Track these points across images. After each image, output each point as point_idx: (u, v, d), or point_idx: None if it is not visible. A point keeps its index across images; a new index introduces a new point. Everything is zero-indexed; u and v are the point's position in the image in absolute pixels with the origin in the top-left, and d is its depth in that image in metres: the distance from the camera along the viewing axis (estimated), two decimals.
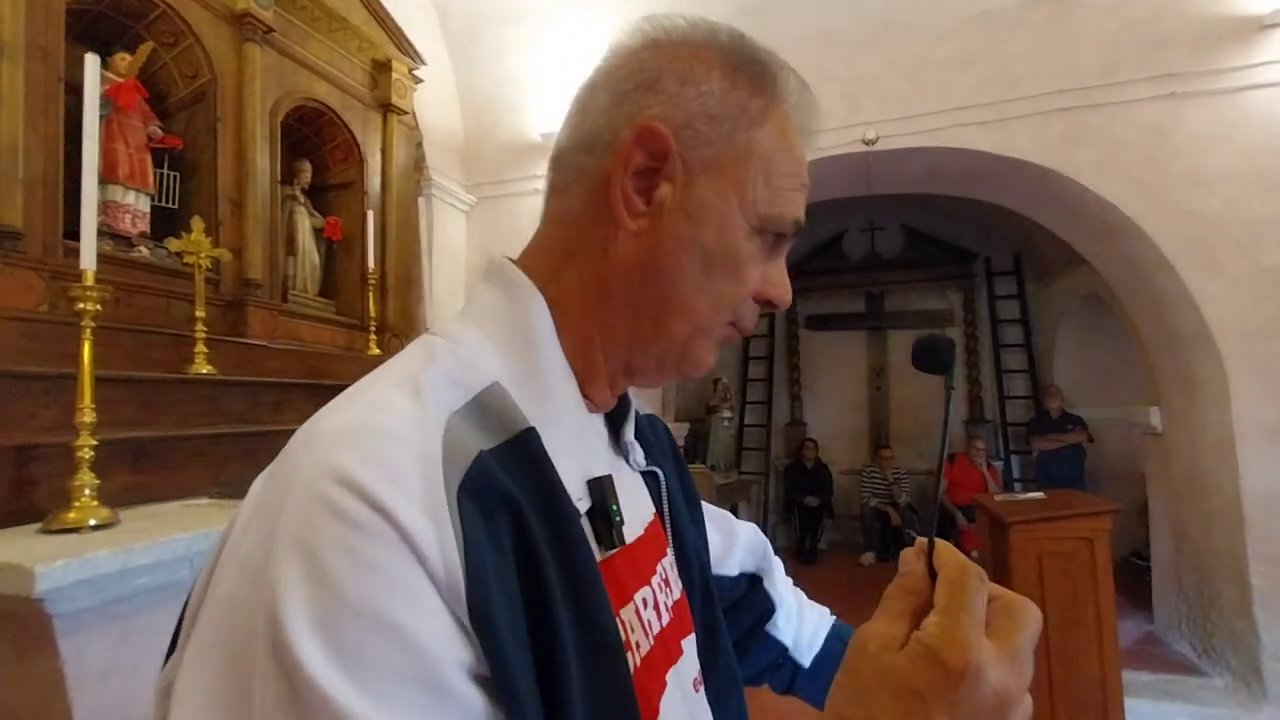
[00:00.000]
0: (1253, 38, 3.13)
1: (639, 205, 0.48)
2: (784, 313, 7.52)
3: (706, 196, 0.48)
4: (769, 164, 0.49)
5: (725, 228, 0.48)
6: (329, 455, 0.35)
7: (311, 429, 0.38)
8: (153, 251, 2.35)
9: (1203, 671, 3.53)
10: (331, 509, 0.32)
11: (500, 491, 0.38)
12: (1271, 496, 3.13)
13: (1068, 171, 3.44)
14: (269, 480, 0.38)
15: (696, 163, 0.47)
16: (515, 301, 0.48)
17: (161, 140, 2.46)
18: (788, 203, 0.50)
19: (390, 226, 3.29)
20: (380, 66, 3.23)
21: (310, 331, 2.89)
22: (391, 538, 0.33)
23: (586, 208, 0.49)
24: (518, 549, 0.38)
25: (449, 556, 0.34)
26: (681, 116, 0.47)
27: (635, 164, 0.47)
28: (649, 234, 0.48)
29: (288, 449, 0.38)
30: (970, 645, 0.33)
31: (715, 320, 0.50)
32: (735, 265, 0.49)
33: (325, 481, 0.33)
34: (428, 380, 0.40)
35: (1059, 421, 5.57)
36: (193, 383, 2.11)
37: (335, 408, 0.40)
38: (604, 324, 0.50)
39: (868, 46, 3.73)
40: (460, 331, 0.46)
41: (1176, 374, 3.65)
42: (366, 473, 0.33)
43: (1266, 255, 3.17)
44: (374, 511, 0.33)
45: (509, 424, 0.42)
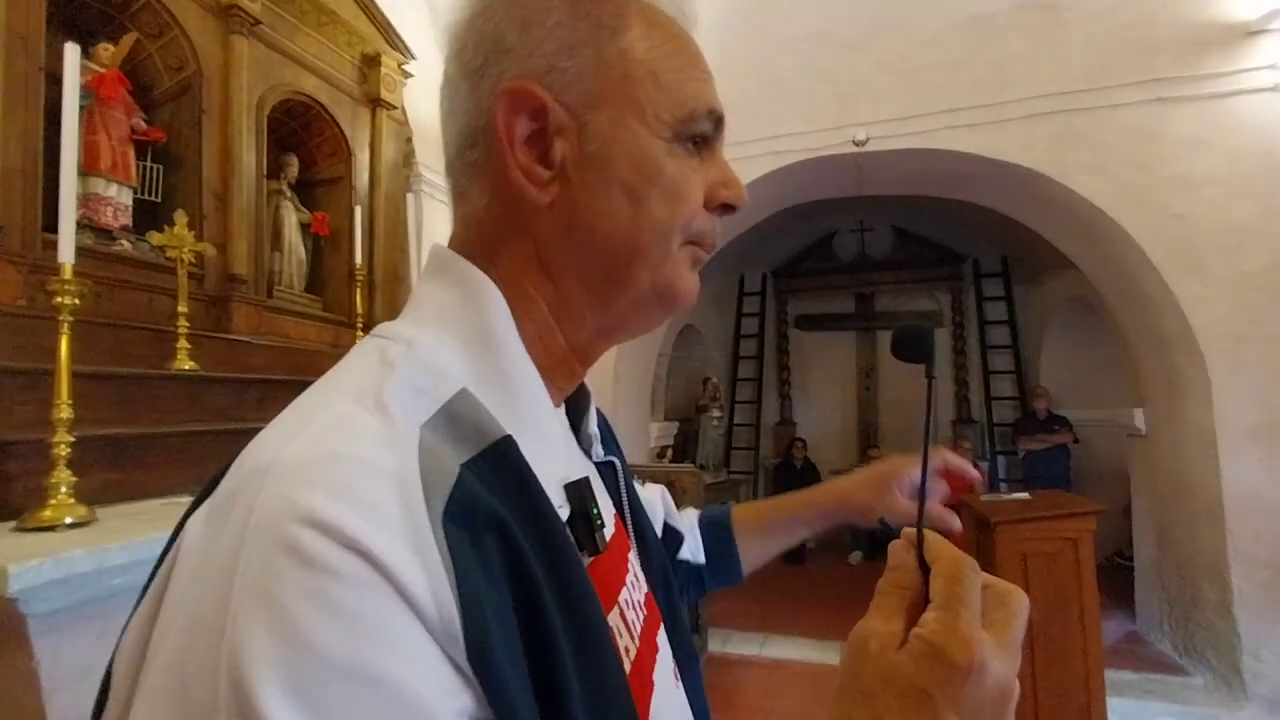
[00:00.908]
0: (1239, 44, 3.16)
1: (541, 173, 0.44)
2: (774, 313, 7.54)
3: (604, 132, 0.44)
4: (652, 66, 0.44)
5: (637, 154, 0.44)
6: (289, 492, 0.30)
7: (259, 458, 0.33)
8: (135, 245, 2.31)
9: (1184, 670, 3.58)
10: (298, 554, 0.28)
11: (487, 511, 0.34)
12: (1252, 498, 3.17)
13: (1056, 175, 3.47)
14: (213, 524, 0.32)
15: (578, 103, 0.43)
16: (470, 298, 0.44)
17: (145, 133, 2.42)
18: (692, 95, 0.45)
19: (378, 222, 3.26)
20: (369, 61, 3.20)
21: (296, 328, 2.86)
22: (371, 579, 0.29)
23: (493, 201, 0.46)
24: (510, 574, 0.34)
25: (440, 593, 0.30)
26: (541, 64, 0.43)
27: (519, 134, 0.43)
28: (563, 198, 0.44)
29: (233, 485, 0.33)
30: (974, 641, 0.33)
31: (669, 248, 0.46)
32: (666, 186, 0.44)
33: (288, 523, 0.29)
34: (391, 391, 0.36)
35: (1045, 422, 5.62)
36: (174, 379, 2.08)
37: (285, 431, 0.35)
38: (558, 306, 0.46)
39: (860, 48, 3.74)
40: (413, 333, 0.42)
41: (1160, 376, 3.69)
42: (335, 508, 0.29)
43: (1249, 259, 3.21)
44: (348, 551, 0.28)
45: (484, 433, 0.38)
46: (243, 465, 0.34)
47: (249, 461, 0.33)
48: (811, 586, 5.31)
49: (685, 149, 0.45)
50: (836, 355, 7.49)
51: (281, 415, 0.37)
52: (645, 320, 0.49)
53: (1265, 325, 3.18)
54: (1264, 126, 3.17)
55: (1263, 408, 3.18)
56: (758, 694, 3.48)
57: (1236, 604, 3.18)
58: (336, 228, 3.16)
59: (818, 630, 4.17)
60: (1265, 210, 3.18)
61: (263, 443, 0.35)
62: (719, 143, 0.48)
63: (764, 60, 3.83)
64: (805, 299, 7.45)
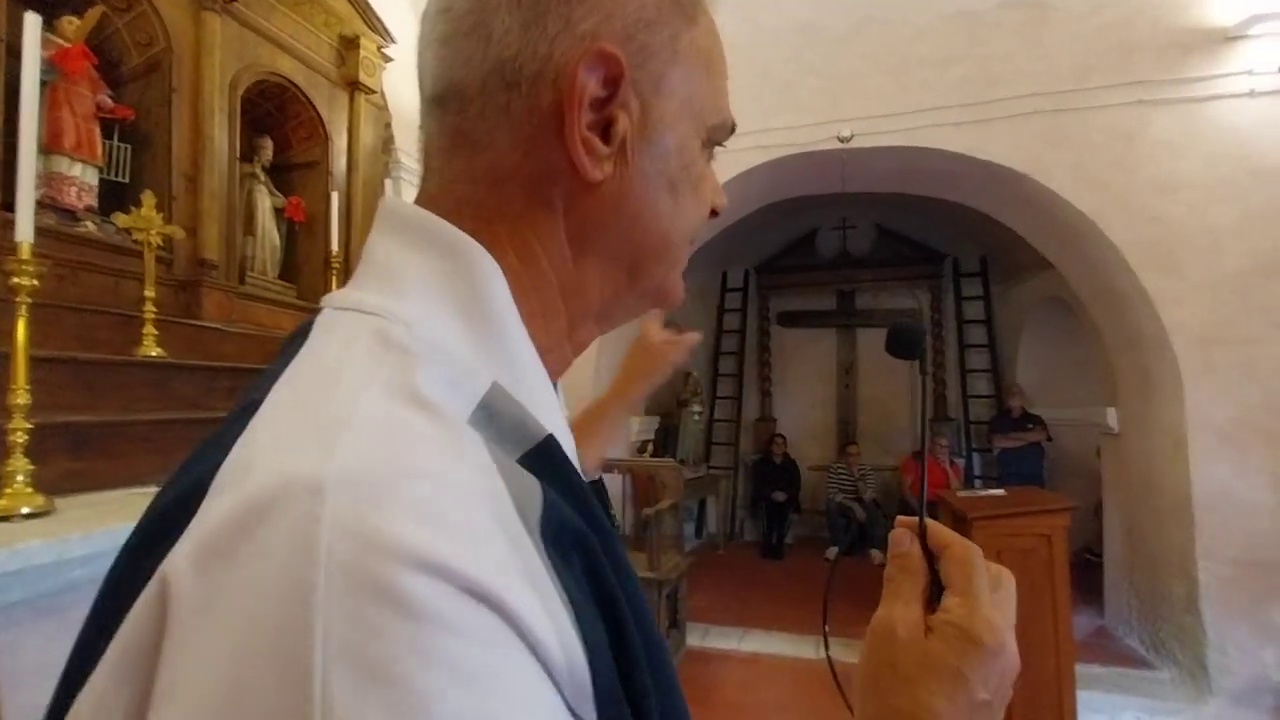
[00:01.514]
0: (1219, 49, 3.21)
1: (600, 147, 0.38)
2: (756, 309, 7.56)
3: (666, 120, 0.41)
4: (709, 66, 0.43)
5: (685, 151, 0.42)
6: (360, 521, 0.23)
7: (291, 473, 0.24)
8: (100, 227, 2.23)
9: (1151, 665, 3.65)
10: (409, 607, 0.22)
11: (574, 528, 0.30)
12: (1220, 497, 3.24)
13: (1039, 174, 3.50)
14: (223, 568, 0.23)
15: (647, 81, 0.40)
16: (461, 270, 0.37)
17: (112, 110, 2.34)
18: (726, 105, 0.45)
19: (356, 208, 3.19)
20: (348, 43, 3.12)
21: (269, 315, 2.79)
22: (497, 629, 0.23)
23: (527, 161, 0.39)
24: (597, 597, 0.30)
25: (565, 639, 0.25)
26: (621, 28, 0.38)
27: (589, 98, 0.38)
28: (615, 179, 0.40)
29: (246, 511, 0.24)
30: (997, 624, 0.37)
31: (686, 250, 0.45)
32: (700, 189, 0.44)
33: (383, 564, 0.22)
34: (423, 383, 0.29)
35: (1020, 420, 5.71)
36: (140, 365, 2.01)
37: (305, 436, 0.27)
38: (573, 288, 0.42)
39: (849, 41, 3.74)
40: (403, 309, 0.34)
41: (1134, 376, 3.75)
42: (437, 540, 0.23)
43: (1225, 262, 3.26)
44: (469, 598, 0.23)
45: (526, 432, 0.33)
46: (252, 480, 0.25)
47: (260, 477, 0.25)
48: (790, 581, 5.34)
49: (709, 153, 0.45)
50: (817, 352, 7.53)
51: (269, 409, 0.29)
52: (636, 314, 0.48)
53: (1238, 327, 3.24)
54: (1241, 131, 3.22)
55: (1233, 408, 3.25)
56: (735, 688, 3.49)
57: (1203, 600, 3.25)
58: (312, 213, 3.09)
59: (795, 624, 4.19)
60: (1241, 214, 3.23)
61: (272, 448, 0.27)
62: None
63: (752, 51, 3.81)
64: (787, 296, 7.47)
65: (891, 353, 0.49)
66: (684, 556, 4.09)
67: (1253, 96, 3.19)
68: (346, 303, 0.35)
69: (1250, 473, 3.21)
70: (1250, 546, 3.19)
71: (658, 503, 3.95)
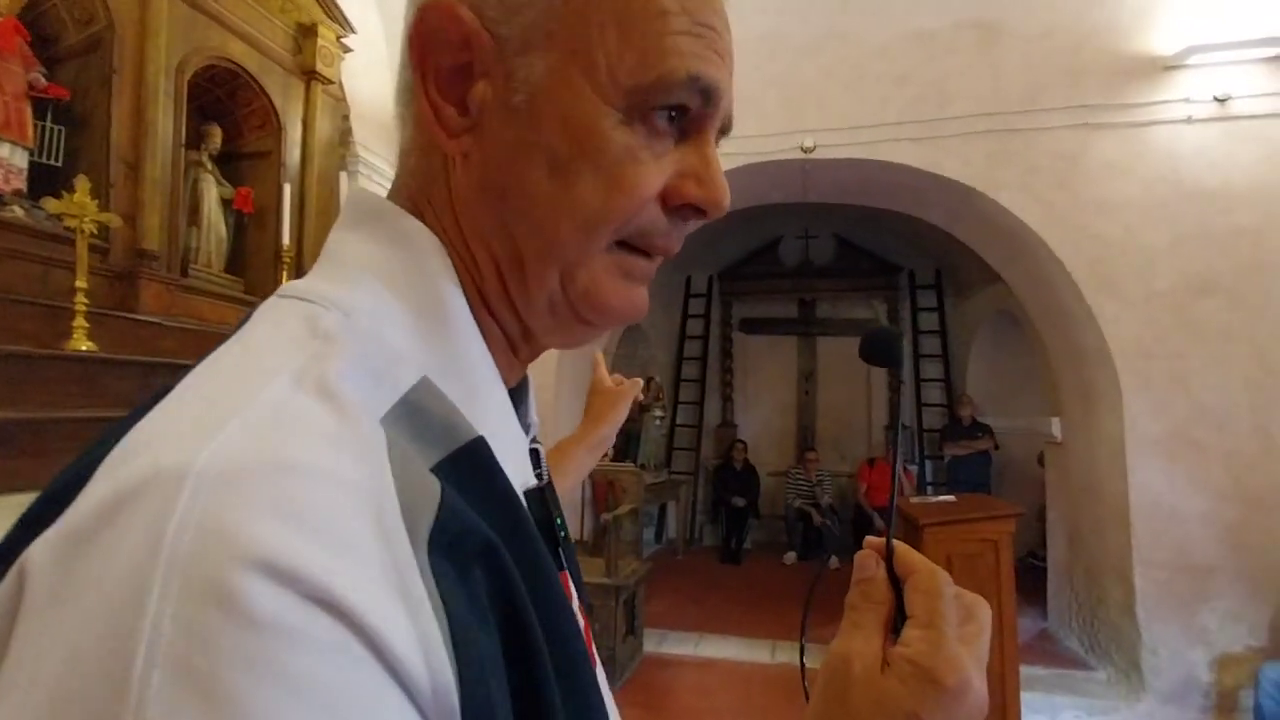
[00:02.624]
0: (1158, 77, 3.37)
1: (453, 117, 0.35)
2: (719, 315, 7.61)
3: (535, 81, 0.34)
4: (621, 9, 0.34)
5: (573, 118, 0.34)
6: (215, 516, 0.21)
7: (163, 459, 0.23)
8: (29, 212, 2.11)
9: (1089, 666, 3.79)
10: (241, 611, 0.20)
11: (478, 538, 0.27)
12: (1156, 505, 3.39)
13: (989, 191, 3.61)
14: (80, 555, 0.22)
15: (512, 39, 0.34)
16: (413, 259, 0.35)
17: (45, 89, 2.22)
18: (674, 56, 0.34)
19: (310, 201, 3.09)
20: (305, 31, 3.03)
21: (213, 310, 2.68)
22: (346, 644, 0.21)
23: (416, 133, 0.38)
24: (500, 613, 0.28)
25: (432, 655, 0.23)
26: None
27: (440, 65, 0.35)
28: (477, 151, 0.36)
29: (114, 496, 0.22)
30: (961, 661, 0.33)
31: (590, 245, 0.36)
32: (604, 166, 0.34)
33: (224, 566, 0.20)
34: (338, 372, 0.27)
35: (969, 429, 5.88)
36: (69, 360, 1.91)
37: (193, 420, 0.25)
38: (481, 282, 0.38)
39: (810, 53, 3.80)
40: (345, 297, 0.32)
41: (1077, 387, 3.90)
42: (293, 544, 0.21)
43: (1158, 280, 3.42)
44: (314, 606, 0.21)
45: (454, 432, 0.31)
46: (126, 469, 0.23)
47: (137, 465, 0.23)
48: (748, 586, 5.37)
49: (649, 125, 0.35)
50: (778, 359, 7.62)
51: (174, 399, 0.28)
52: (563, 333, 0.40)
53: (1169, 343, 3.40)
54: (1176, 157, 3.39)
55: (1166, 420, 3.40)
56: (691, 694, 3.49)
57: (1139, 604, 3.38)
58: (263, 205, 2.98)
59: (751, 629, 4.22)
60: (1173, 236, 3.39)
61: (158, 438, 0.25)
62: (711, 127, 0.37)
63: None
64: (749, 302, 7.55)
65: (867, 360, 0.45)
66: (642, 562, 4.07)
67: (1189, 123, 3.36)
68: (292, 291, 0.34)
69: (1181, 482, 3.36)
70: (1182, 552, 3.34)
71: (617, 508, 3.93)
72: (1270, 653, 3.17)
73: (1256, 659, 3.17)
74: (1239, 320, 3.32)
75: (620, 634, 3.52)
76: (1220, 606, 3.29)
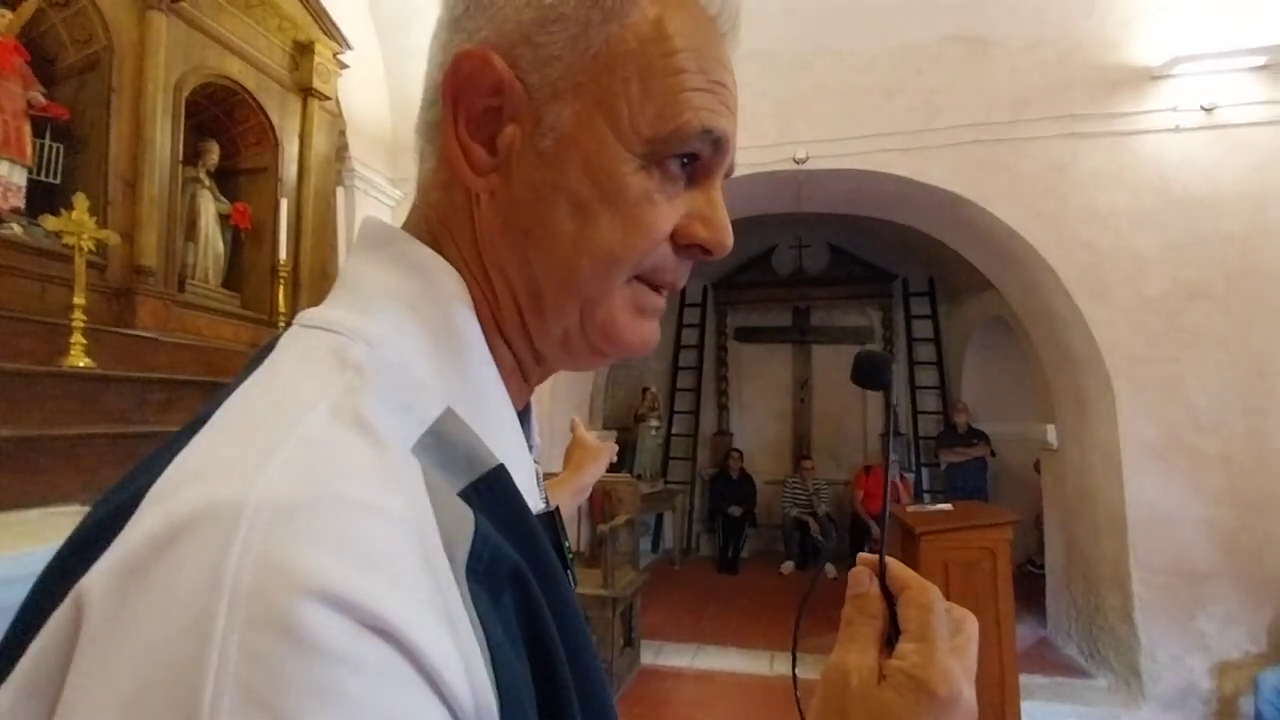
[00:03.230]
0: (1144, 86, 3.42)
1: (482, 157, 0.38)
2: (714, 324, 7.64)
3: (562, 129, 0.37)
4: (646, 63, 0.36)
5: (595, 164, 0.37)
6: (273, 549, 0.22)
7: (215, 494, 0.24)
8: (27, 230, 2.12)
9: (1089, 673, 3.78)
10: (304, 640, 0.21)
11: (508, 565, 0.29)
12: (1152, 510, 3.40)
13: (979, 200, 3.65)
14: (137, 589, 0.23)
15: (542, 87, 0.37)
16: (432, 289, 0.37)
17: (44, 108, 2.24)
18: (689, 110, 0.37)
19: (306, 216, 3.11)
20: (302, 48, 3.06)
21: (210, 325, 2.69)
22: (399, 668, 0.23)
23: (440, 171, 0.40)
24: (527, 635, 0.29)
25: (475, 676, 0.24)
26: (513, 32, 0.37)
27: (473, 107, 0.37)
28: (503, 190, 0.38)
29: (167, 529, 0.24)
30: (954, 673, 0.35)
31: (610, 283, 0.38)
32: (623, 209, 0.37)
33: (286, 596, 0.21)
34: (371, 405, 0.29)
35: (965, 436, 5.90)
36: (66, 377, 1.91)
37: (238, 454, 0.26)
38: (498, 308, 0.40)
39: (801, 68, 3.85)
40: (368, 327, 0.34)
41: (1070, 393, 3.92)
42: (349, 574, 0.22)
43: (1148, 286, 3.45)
44: (370, 633, 0.22)
45: (476, 460, 0.32)
46: (177, 502, 0.24)
47: (188, 497, 0.24)
48: (744, 596, 5.36)
49: (664, 172, 0.38)
50: (773, 367, 7.64)
51: (213, 430, 0.29)
52: (577, 361, 0.42)
53: (1161, 348, 3.43)
54: (1163, 165, 3.43)
55: (1160, 425, 3.42)
56: (689, 706, 3.47)
57: (1137, 610, 3.38)
58: (260, 220, 3.00)
59: (749, 640, 4.20)
60: (1162, 242, 3.43)
61: (206, 466, 0.26)
62: (718, 174, 0.41)
63: None
64: (744, 311, 7.58)
65: (858, 383, 0.46)
66: (639, 573, 4.06)
67: (1176, 132, 3.40)
68: (314, 320, 0.35)
69: (1177, 487, 3.37)
70: (1178, 558, 3.35)
71: (613, 518, 3.92)
72: (1269, 659, 3.17)
73: (1255, 665, 3.17)
74: (1230, 325, 3.35)
75: (618, 646, 3.50)
76: (1218, 612, 3.30)
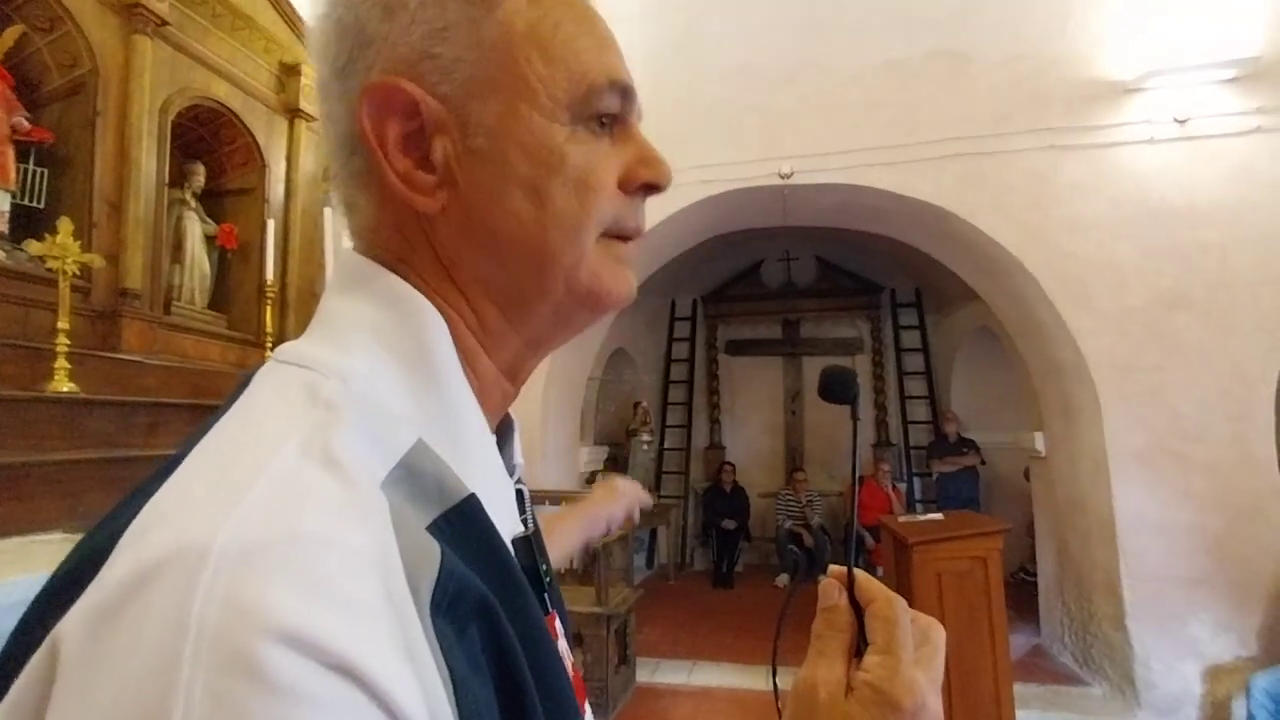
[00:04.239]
0: (1119, 100, 3.49)
1: (424, 179, 0.38)
2: (704, 337, 7.66)
3: (489, 124, 0.38)
4: (539, 39, 0.39)
5: (531, 144, 0.38)
6: (237, 591, 0.23)
7: (184, 537, 0.24)
8: (10, 254, 2.11)
9: (1083, 681, 3.78)
10: (265, 682, 0.21)
11: (474, 596, 0.29)
12: (1141, 517, 3.42)
13: (962, 212, 3.70)
14: (110, 633, 0.23)
15: (458, 94, 0.38)
16: (406, 320, 0.37)
17: (28, 133, 2.23)
18: (591, 66, 0.39)
19: (294, 236, 3.11)
20: (288, 70, 3.08)
21: (196, 346, 2.67)
22: (360, 705, 0.23)
23: (383, 211, 0.40)
24: (496, 668, 0.30)
25: (438, 713, 0.25)
26: (409, 53, 0.38)
27: (393, 136, 0.38)
28: (455, 203, 0.39)
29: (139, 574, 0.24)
30: (919, 684, 0.35)
31: (584, 245, 0.40)
32: (571, 175, 0.39)
33: (249, 639, 0.22)
34: (341, 441, 0.29)
35: (955, 445, 5.93)
36: (50, 402, 1.89)
37: (208, 495, 0.27)
38: (477, 324, 0.41)
39: (786, 84, 3.90)
40: (342, 362, 0.34)
41: (1057, 401, 3.95)
42: (311, 615, 0.23)
43: (1130, 295, 3.50)
44: (331, 672, 0.23)
45: (447, 491, 0.33)
46: (148, 545, 0.25)
47: (159, 540, 0.25)
48: (739, 611, 5.33)
49: (590, 131, 0.40)
50: (764, 380, 7.66)
51: (188, 470, 0.29)
52: (571, 326, 0.44)
53: (1145, 355, 3.47)
54: (1141, 175, 3.49)
55: (1146, 432, 3.45)
56: None
57: (1129, 617, 3.39)
58: (246, 241, 2.99)
59: (745, 655, 4.18)
60: (1143, 251, 3.49)
61: (177, 512, 0.27)
62: (633, 118, 0.43)
63: (694, 91, 3.93)
64: (734, 324, 7.61)
65: (825, 398, 0.48)
66: (633, 589, 4.04)
67: (1152, 143, 3.47)
68: (289, 355, 0.36)
69: (1164, 493, 3.40)
70: (1168, 564, 3.36)
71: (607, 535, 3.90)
72: (1260, 662, 3.19)
73: (1247, 668, 3.18)
74: (1211, 332, 3.39)
75: (612, 665, 3.47)
76: (1209, 617, 3.31)
